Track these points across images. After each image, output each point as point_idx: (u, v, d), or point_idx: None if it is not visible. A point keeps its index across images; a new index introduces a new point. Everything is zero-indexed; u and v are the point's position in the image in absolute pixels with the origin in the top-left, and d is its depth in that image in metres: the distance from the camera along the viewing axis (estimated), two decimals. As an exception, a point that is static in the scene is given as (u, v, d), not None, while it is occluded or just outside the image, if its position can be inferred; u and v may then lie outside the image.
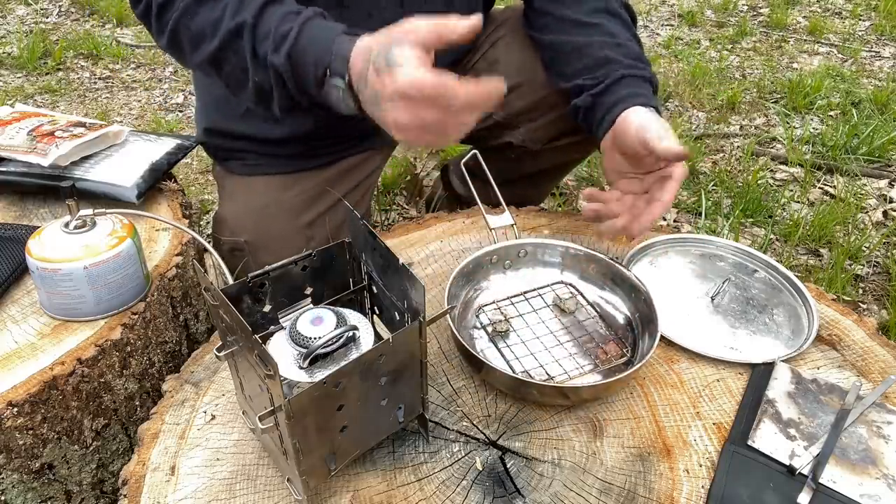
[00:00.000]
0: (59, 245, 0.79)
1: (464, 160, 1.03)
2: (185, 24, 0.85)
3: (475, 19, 0.73)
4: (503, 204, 0.96)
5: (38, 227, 0.83)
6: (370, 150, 1.21)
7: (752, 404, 0.74)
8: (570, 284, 0.89)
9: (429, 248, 1.00)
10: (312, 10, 0.83)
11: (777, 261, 0.95)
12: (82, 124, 1.10)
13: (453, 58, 1.20)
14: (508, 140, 1.21)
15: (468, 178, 1.03)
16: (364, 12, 0.99)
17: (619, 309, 0.85)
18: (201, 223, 1.71)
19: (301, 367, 0.63)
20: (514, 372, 0.76)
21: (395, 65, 0.70)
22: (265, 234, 1.14)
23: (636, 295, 0.82)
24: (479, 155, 1.00)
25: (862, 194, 1.91)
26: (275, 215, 1.15)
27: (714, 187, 1.95)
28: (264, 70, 0.82)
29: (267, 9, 0.82)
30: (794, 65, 2.96)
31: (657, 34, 3.35)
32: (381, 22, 1.00)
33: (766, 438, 0.70)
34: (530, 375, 0.76)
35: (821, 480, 0.65)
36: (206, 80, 1.17)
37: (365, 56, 0.76)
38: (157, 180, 1.07)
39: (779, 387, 0.76)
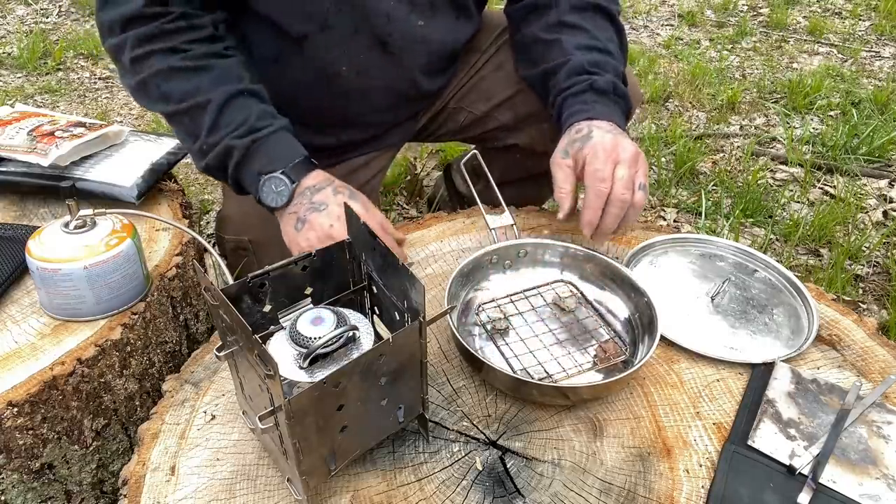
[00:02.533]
0: (59, 245, 0.79)
1: (464, 160, 1.03)
2: (157, 83, 0.91)
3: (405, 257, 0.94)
4: (503, 204, 0.96)
5: (38, 227, 0.83)
6: (375, 152, 1.21)
7: (752, 404, 0.74)
8: (570, 283, 0.89)
9: (429, 248, 1.00)
10: (286, 121, 0.94)
11: (777, 261, 0.95)
12: (82, 124, 1.10)
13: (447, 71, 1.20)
14: (514, 142, 1.22)
15: (468, 178, 1.03)
16: (350, 29, 1.00)
17: (618, 308, 0.85)
18: (201, 223, 1.71)
19: (301, 367, 0.63)
20: (512, 370, 0.76)
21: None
22: (270, 233, 1.14)
23: (636, 295, 0.82)
24: (479, 155, 1.00)
25: (862, 194, 1.91)
26: None
27: (714, 187, 1.95)
28: (212, 144, 0.91)
29: (236, 99, 0.91)
30: (794, 65, 2.96)
31: (657, 34, 3.35)
32: (369, 37, 1.01)
33: (766, 438, 0.70)
34: (529, 374, 0.76)
35: (821, 480, 0.65)
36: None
37: (327, 177, 0.92)
38: (157, 180, 1.07)
39: (779, 387, 0.76)
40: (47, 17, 3.23)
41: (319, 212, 0.88)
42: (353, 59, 1.04)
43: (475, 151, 1.01)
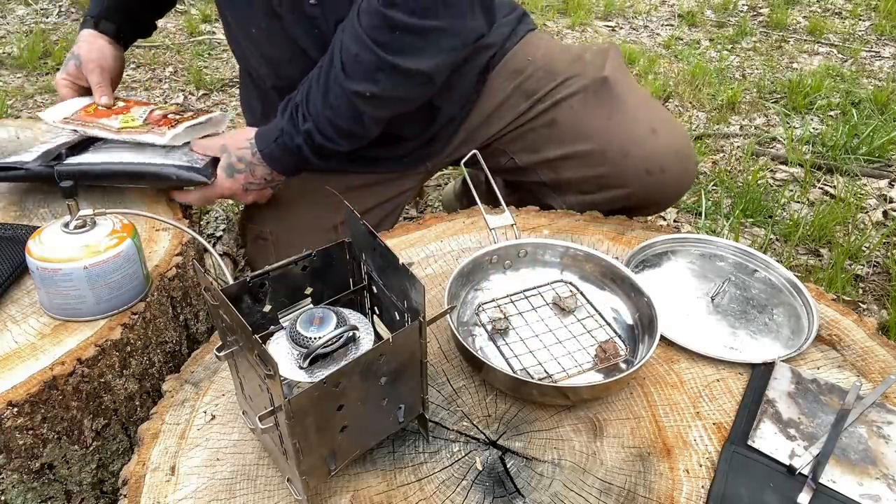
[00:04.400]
0: (59, 245, 0.79)
1: (463, 160, 1.03)
2: None
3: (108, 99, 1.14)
4: (503, 204, 0.96)
5: (38, 227, 0.83)
6: (408, 169, 1.21)
7: (752, 404, 0.74)
8: (570, 283, 0.89)
9: (429, 248, 1.00)
10: None
11: (777, 261, 0.95)
12: (186, 109, 1.16)
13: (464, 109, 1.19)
14: (551, 204, 1.19)
15: (468, 179, 1.03)
16: None
17: (618, 308, 0.85)
18: (201, 223, 1.71)
19: (301, 367, 0.63)
20: (512, 370, 0.76)
21: None
22: (291, 228, 1.15)
23: (636, 295, 0.82)
24: (479, 154, 1.00)
25: (862, 194, 1.91)
26: (304, 212, 1.15)
27: (714, 187, 1.95)
28: None
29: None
30: (794, 65, 2.96)
31: (657, 34, 3.35)
32: (264, 4, 1.03)
33: (766, 438, 0.70)
34: (529, 374, 0.76)
35: (821, 480, 0.65)
36: (242, 65, 1.21)
37: (78, 41, 1.19)
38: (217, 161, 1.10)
39: (779, 387, 0.76)
40: (47, 17, 3.23)
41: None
42: (259, 24, 1.04)
43: (475, 151, 1.01)
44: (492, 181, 0.98)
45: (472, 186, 0.98)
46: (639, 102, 1.15)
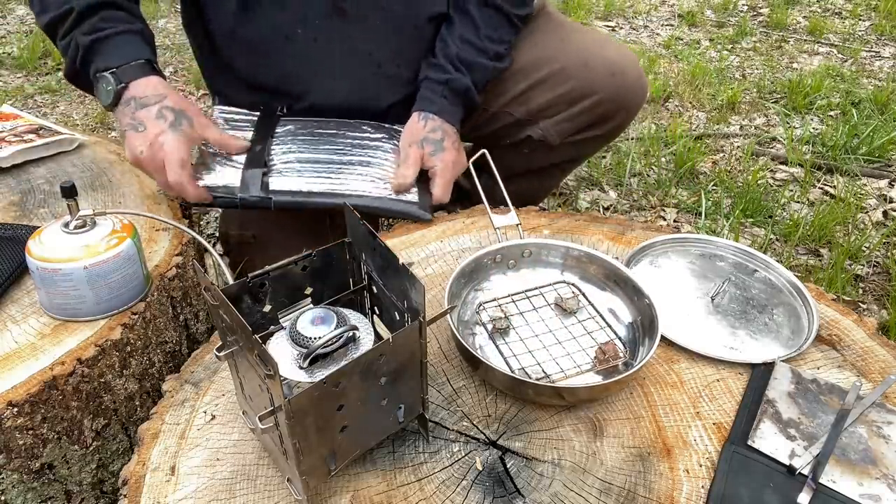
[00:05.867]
0: (59, 245, 0.79)
1: (472, 159, 1.03)
2: None
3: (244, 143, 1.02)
4: (509, 203, 0.96)
5: (38, 227, 0.83)
6: None
7: (752, 404, 0.74)
8: (572, 284, 0.89)
9: (429, 248, 1.00)
10: (139, 27, 0.98)
11: (777, 261, 0.95)
12: (39, 129, 1.15)
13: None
14: (528, 134, 1.24)
15: (475, 177, 1.02)
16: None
17: (619, 309, 0.85)
18: (201, 223, 1.71)
19: (301, 367, 0.63)
20: (510, 369, 0.76)
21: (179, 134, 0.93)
22: (272, 229, 1.14)
23: (637, 295, 0.82)
24: (487, 154, 1.00)
25: (862, 194, 1.91)
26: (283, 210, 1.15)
27: (714, 187, 1.95)
28: (66, 44, 0.96)
29: (98, 8, 0.94)
30: (794, 65, 2.96)
31: (657, 34, 3.35)
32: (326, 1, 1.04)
33: (766, 438, 0.70)
34: (527, 373, 0.76)
35: (821, 480, 0.65)
36: (215, 72, 1.18)
37: (157, 91, 0.94)
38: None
39: (779, 387, 0.76)
40: (47, 17, 3.22)
41: (136, 131, 0.91)
42: (307, 25, 1.04)
43: (484, 151, 1.01)
44: (499, 181, 0.98)
45: (478, 184, 0.98)
46: (582, 27, 1.28)
